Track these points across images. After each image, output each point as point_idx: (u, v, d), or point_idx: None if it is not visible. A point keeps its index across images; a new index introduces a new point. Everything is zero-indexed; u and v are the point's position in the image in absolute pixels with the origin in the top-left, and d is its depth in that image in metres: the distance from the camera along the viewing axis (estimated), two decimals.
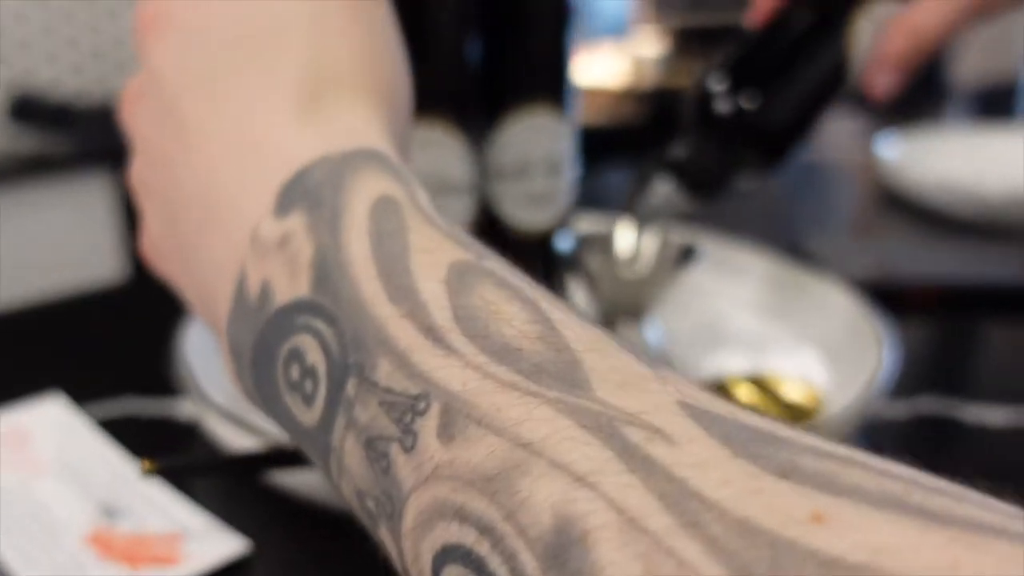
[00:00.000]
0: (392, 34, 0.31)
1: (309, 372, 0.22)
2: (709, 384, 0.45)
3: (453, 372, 0.19)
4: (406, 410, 0.19)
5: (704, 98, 0.48)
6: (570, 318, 0.20)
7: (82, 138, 1.60)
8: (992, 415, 0.48)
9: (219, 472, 0.35)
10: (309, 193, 0.24)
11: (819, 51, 0.49)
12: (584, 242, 0.50)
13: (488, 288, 0.20)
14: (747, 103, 0.46)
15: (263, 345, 0.24)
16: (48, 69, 1.84)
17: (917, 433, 0.47)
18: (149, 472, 0.30)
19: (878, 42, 0.49)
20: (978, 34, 1.27)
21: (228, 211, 0.26)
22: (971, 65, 1.61)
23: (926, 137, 1.01)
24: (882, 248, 0.71)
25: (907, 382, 0.51)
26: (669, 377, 0.18)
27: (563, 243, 0.48)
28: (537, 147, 0.47)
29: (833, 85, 0.49)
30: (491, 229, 0.48)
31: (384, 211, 0.23)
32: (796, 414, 0.42)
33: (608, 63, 1.72)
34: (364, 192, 0.23)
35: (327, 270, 0.22)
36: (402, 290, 0.21)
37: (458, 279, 0.21)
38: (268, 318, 0.23)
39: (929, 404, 0.49)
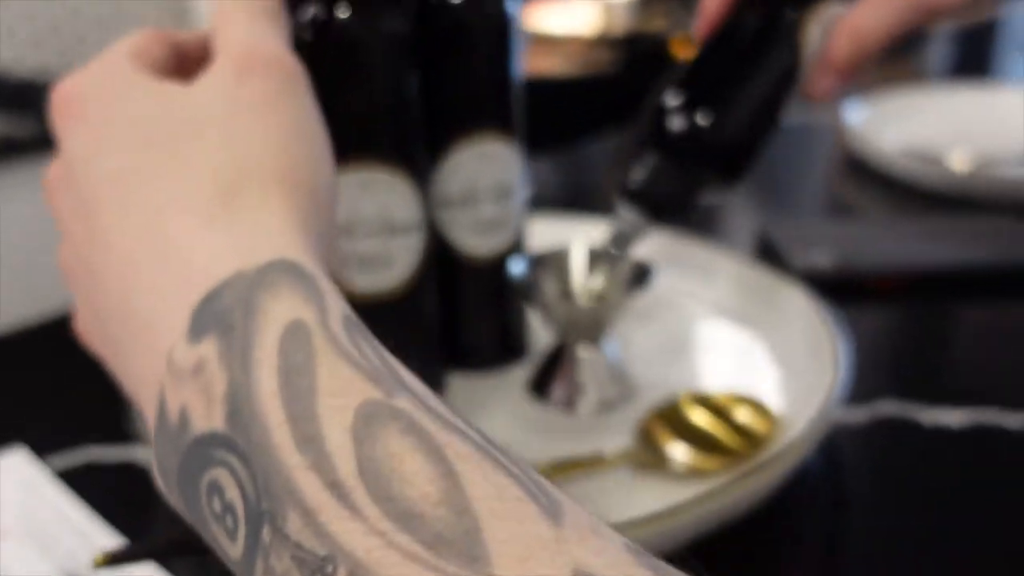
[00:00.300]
0: (312, 116, 0.30)
1: (229, 508, 0.22)
2: (663, 411, 0.45)
3: (357, 537, 0.19)
4: (316, 569, 0.19)
5: (659, 117, 0.46)
6: (477, 465, 0.20)
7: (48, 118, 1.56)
8: (951, 417, 0.48)
9: (177, 555, 0.35)
10: (221, 317, 0.23)
11: (770, 58, 0.47)
12: (538, 265, 0.49)
13: (394, 437, 0.20)
14: (702, 120, 0.45)
15: (186, 471, 0.24)
16: (7, 47, 1.80)
17: (876, 437, 0.47)
18: (101, 565, 0.30)
19: (823, 44, 0.48)
20: None
21: (145, 327, 0.26)
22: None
23: (894, 100, 0.99)
24: (847, 233, 0.70)
25: (867, 385, 0.51)
26: (571, 537, 0.18)
27: (516, 268, 0.48)
28: (484, 175, 0.46)
29: (786, 91, 0.48)
30: (443, 257, 0.48)
31: (294, 341, 0.22)
32: (749, 438, 0.42)
33: (578, 11, 1.69)
34: (275, 317, 0.23)
35: (239, 406, 0.22)
36: (309, 438, 0.21)
37: (365, 426, 0.20)
38: (188, 446, 0.23)
39: (888, 407, 0.49)
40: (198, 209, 0.26)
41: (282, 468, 0.21)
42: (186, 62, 0.35)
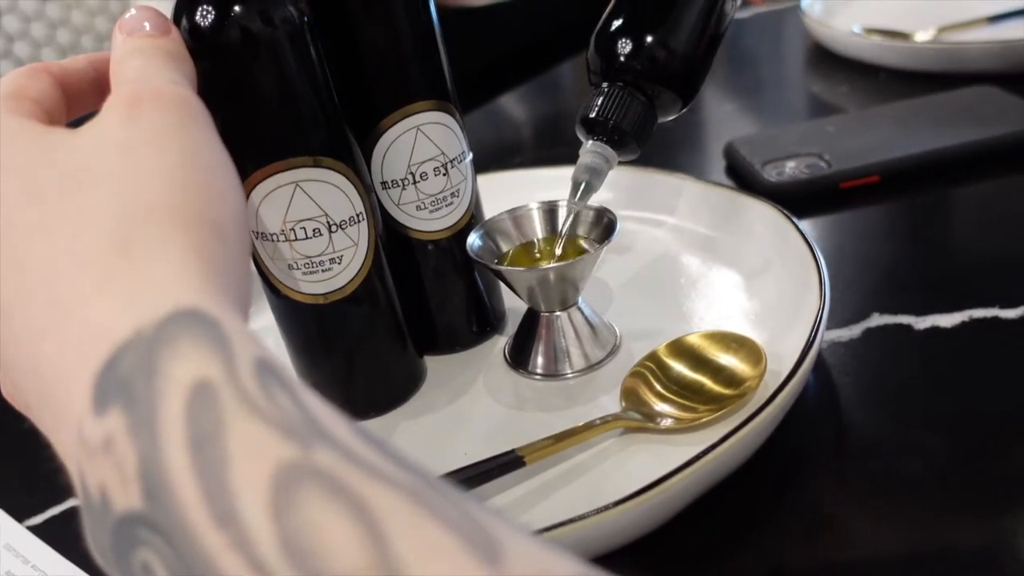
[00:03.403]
0: (210, 146, 0.28)
1: None
2: (645, 366, 0.43)
3: None
4: None
5: (607, 44, 0.44)
6: (407, 518, 0.18)
7: None
8: (945, 320, 0.46)
9: None
10: (123, 386, 0.22)
11: None
12: (496, 233, 0.47)
13: (315, 503, 0.19)
14: (649, 39, 0.44)
15: (117, 550, 0.22)
16: None
17: (869, 350, 0.46)
18: None
19: None
20: None
21: (55, 398, 0.24)
22: None
23: None
24: (816, 135, 0.68)
25: (854, 301, 0.50)
26: None
27: (473, 240, 0.45)
28: (423, 149, 0.43)
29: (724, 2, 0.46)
30: (396, 242, 0.46)
31: (201, 406, 0.21)
32: (737, 381, 0.40)
33: None
34: (179, 380, 0.21)
35: (153, 484, 0.20)
36: (226, 516, 0.19)
37: (283, 494, 0.19)
38: (114, 525, 0.22)
39: (880, 319, 0.47)
40: (93, 264, 0.24)
41: (202, 550, 0.19)
42: (76, 94, 0.33)
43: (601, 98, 0.44)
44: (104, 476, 0.22)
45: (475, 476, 0.37)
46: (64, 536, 0.43)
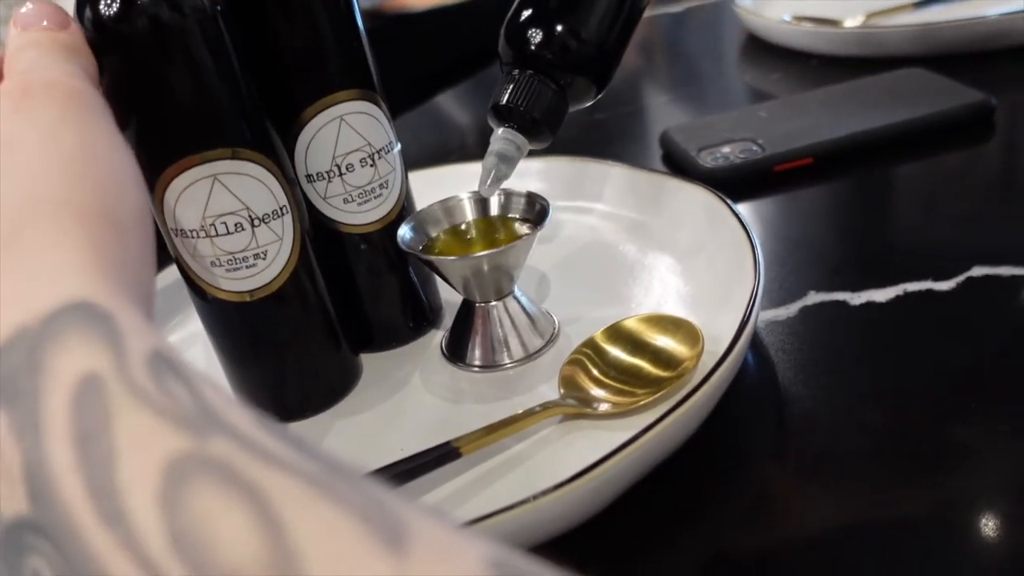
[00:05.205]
0: (106, 138, 0.27)
1: None
2: (582, 352, 0.42)
3: None
4: None
5: (518, 33, 0.44)
6: (306, 505, 0.17)
7: None
8: (879, 295, 0.47)
9: None
10: (6, 385, 0.21)
11: None
12: (426, 223, 0.46)
13: (208, 494, 0.18)
14: (560, 27, 0.43)
15: (9, 560, 0.21)
16: None
17: (805, 328, 0.46)
18: None
19: None
20: None
21: None
22: None
23: None
24: (749, 122, 0.68)
25: (789, 280, 0.50)
26: (414, 568, 0.16)
27: (404, 232, 0.44)
28: (347, 139, 0.42)
29: None
30: (324, 236, 0.45)
31: (87, 401, 0.20)
32: (673, 363, 0.40)
33: None
34: (63, 375, 0.20)
35: (38, 485, 0.19)
36: (114, 514, 0.18)
37: (174, 487, 0.18)
38: (2, 533, 0.21)
39: (815, 297, 0.47)
40: None
41: (90, 552, 0.18)
42: None
43: (512, 85, 0.43)
44: None
45: (410, 469, 0.36)
46: None
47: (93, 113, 0.28)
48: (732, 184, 0.59)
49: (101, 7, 0.34)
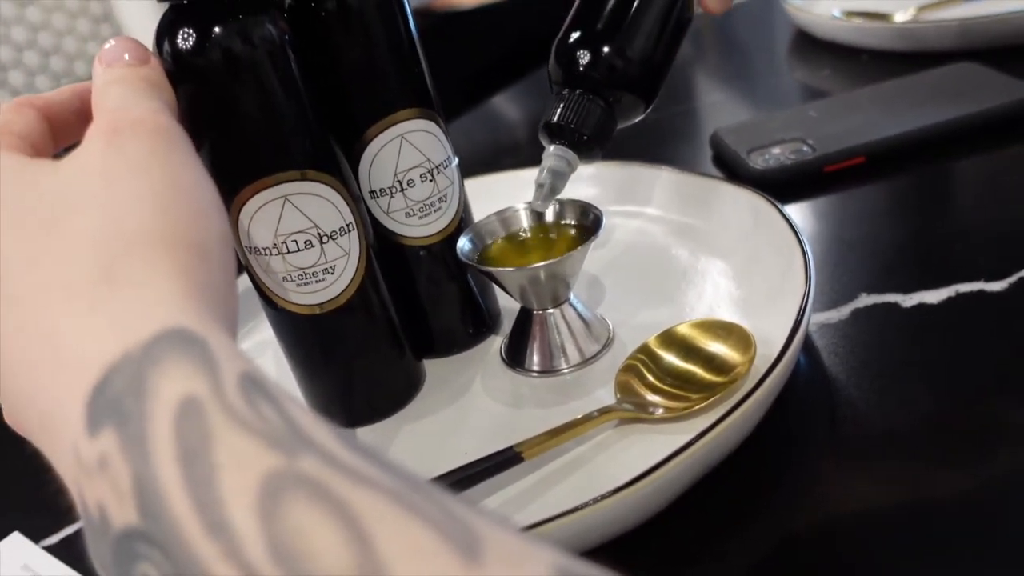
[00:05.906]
0: (190, 169, 0.29)
1: None
2: (637, 358, 0.44)
3: None
4: None
5: (567, 52, 0.45)
6: (390, 520, 0.19)
7: None
8: (932, 296, 0.47)
9: None
10: (114, 407, 0.23)
11: None
12: (484, 234, 0.48)
13: (301, 509, 0.19)
14: (607, 47, 0.45)
15: (119, 565, 0.23)
16: None
17: (856, 327, 0.46)
18: None
19: None
20: None
21: (51, 424, 0.25)
22: None
23: None
24: (799, 121, 0.68)
25: (841, 282, 0.50)
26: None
27: (463, 243, 0.46)
28: (408, 157, 0.44)
29: (681, 5, 0.47)
30: (388, 249, 0.46)
31: (189, 422, 0.22)
32: (726, 368, 0.41)
33: None
34: (167, 398, 0.22)
35: (148, 499, 0.21)
36: (217, 525, 0.20)
37: (270, 501, 0.20)
38: (113, 541, 0.23)
39: (867, 299, 0.48)
40: (80, 292, 0.25)
41: (198, 560, 0.20)
42: (62, 125, 0.34)
43: (562, 104, 0.45)
44: (101, 494, 0.23)
45: (474, 474, 0.38)
46: (81, 555, 0.44)
47: (177, 146, 0.29)
48: (783, 185, 0.60)
49: (179, 41, 0.36)
